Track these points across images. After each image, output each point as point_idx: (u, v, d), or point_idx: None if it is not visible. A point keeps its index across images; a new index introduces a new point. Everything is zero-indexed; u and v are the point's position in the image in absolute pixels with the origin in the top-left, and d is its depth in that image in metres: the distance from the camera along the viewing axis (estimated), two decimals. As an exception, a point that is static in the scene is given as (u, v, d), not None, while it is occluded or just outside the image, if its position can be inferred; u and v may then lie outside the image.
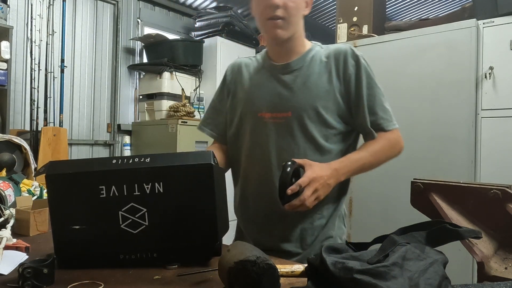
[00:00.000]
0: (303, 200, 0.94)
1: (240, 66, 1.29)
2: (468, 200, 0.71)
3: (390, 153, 1.11)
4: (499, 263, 0.61)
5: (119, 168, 0.78)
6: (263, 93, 1.16)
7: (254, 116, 1.15)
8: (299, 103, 1.10)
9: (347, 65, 1.10)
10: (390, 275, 0.51)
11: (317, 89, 1.10)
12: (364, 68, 1.10)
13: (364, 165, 1.07)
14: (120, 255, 0.79)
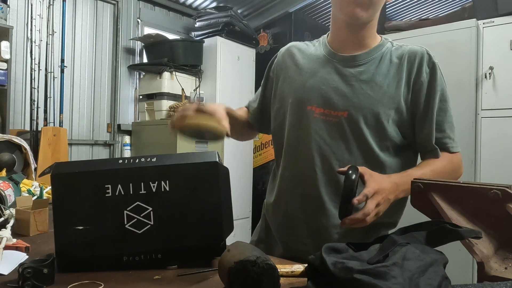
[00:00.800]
0: (366, 214, 0.80)
1: (293, 51, 1.12)
2: (468, 200, 0.70)
3: (450, 174, 0.98)
4: (499, 263, 0.61)
5: (126, 167, 0.79)
6: (318, 83, 1.02)
7: (303, 109, 1.02)
8: (359, 104, 0.97)
9: (421, 72, 0.98)
10: (390, 275, 0.51)
11: (381, 92, 0.97)
12: (440, 78, 1.00)
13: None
14: (124, 257, 0.79)
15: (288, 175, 1.06)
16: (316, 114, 1.00)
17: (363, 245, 0.66)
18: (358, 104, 0.97)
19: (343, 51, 1.03)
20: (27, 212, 1.06)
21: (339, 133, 0.99)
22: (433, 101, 0.98)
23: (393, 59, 1.00)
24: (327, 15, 4.37)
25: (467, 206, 0.71)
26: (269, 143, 4.01)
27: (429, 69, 0.99)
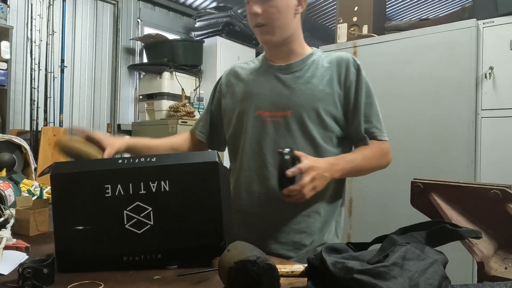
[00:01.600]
0: (302, 186, 0.92)
1: (236, 70, 1.27)
2: (468, 200, 0.71)
3: (380, 161, 1.13)
4: (499, 263, 0.61)
5: (125, 167, 0.79)
6: (262, 91, 1.15)
7: (253, 115, 1.14)
8: (300, 102, 1.10)
9: (349, 73, 1.12)
10: (390, 275, 0.51)
11: (318, 91, 1.10)
12: (364, 78, 1.13)
13: (356, 167, 1.08)
14: (124, 257, 0.78)
15: (244, 175, 1.16)
16: (264, 118, 1.13)
17: (363, 245, 0.66)
18: (299, 102, 1.10)
19: (279, 62, 1.17)
20: (27, 212, 1.06)
21: (286, 130, 1.11)
22: (361, 97, 1.11)
23: (324, 64, 1.14)
24: (327, 15, 4.37)
25: (467, 206, 0.71)
26: (269, 143, 4.01)
27: (355, 70, 1.13)
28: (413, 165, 2.35)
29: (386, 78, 2.51)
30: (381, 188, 2.51)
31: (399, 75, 2.47)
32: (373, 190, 2.54)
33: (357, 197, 2.63)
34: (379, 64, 2.54)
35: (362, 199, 2.60)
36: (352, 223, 2.64)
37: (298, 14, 1.14)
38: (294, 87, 1.12)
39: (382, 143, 1.13)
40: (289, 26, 1.12)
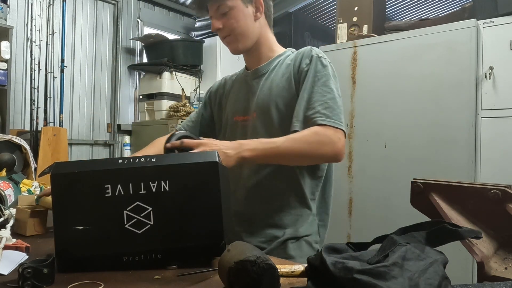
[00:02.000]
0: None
1: (225, 80, 1.38)
2: (468, 200, 0.71)
3: (318, 146, 1.04)
4: (499, 263, 0.61)
5: (125, 167, 0.79)
6: (237, 98, 1.26)
7: (231, 121, 1.25)
8: (262, 102, 1.16)
9: (301, 63, 1.14)
10: (390, 275, 0.51)
11: (278, 89, 1.15)
12: (315, 65, 1.11)
13: (277, 149, 1.02)
14: (124, 257, 0.79)
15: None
16: (239, 122, 1.22)
17: (363, 245, 0.66)
18: (262, 103, 1.16)
19: (252, 67, 1.25)
20: (26, 212, 1.05)
21: (253, 130, 1.17)
22: (306, 84, 1.10)
23: (287, 62, 1.19)
24: (327, 15, 4.37)
25: (467, 206, 0.71)
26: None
27: (308, 60, 1.13)
28: (413, 165, 2.35)
29: (386, 78, 2.51)
30: (381, 188, 2.51)
31: (399, 75, 2.47)
32: (373, 190, 2.54)
33: (357, 197, 2.63)
34: (379, 64, 2.54)
35: (362, 199, 2.60)
36: (352, 223, 2.64)
37: (260, 19, 1.19)
38: (257, 89, 1.19)
39: (321, 128, 1.04)
40: (252, 32, 1.19)
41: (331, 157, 1.08)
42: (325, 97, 1.08)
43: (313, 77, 1.10)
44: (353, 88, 2.70)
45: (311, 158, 1.08)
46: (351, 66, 2.70)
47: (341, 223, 2.65)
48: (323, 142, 1.04)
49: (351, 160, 2.73)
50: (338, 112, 1.07)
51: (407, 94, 2.43)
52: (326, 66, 1.12)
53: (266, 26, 1.22)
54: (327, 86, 1.09)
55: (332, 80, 1.11)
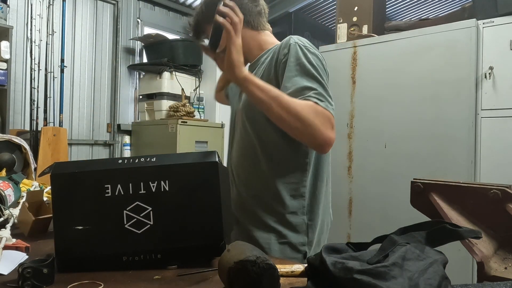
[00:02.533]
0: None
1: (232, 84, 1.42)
2: (468, 200, 0.71)
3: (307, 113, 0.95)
4: (499, 263, 0.61)
5: (125, 167, 0.79)
6: (233, 101, 1.31)
7: (232, 124, 1.28)
8: (245, 100, 1.16)
9: (280, 54, 1.09)
10: (390, 275, 0.51)
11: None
12: (295, 53, 1.05)
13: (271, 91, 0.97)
14: (124, 257, 0.79)
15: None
16: (236, 122, 1.24)
17: (363, 245, 0.66)
18: (245, 100, 1.16)
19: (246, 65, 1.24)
20: (27, 213, 1.05)
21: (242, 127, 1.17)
22: (287, 74, 1.04)
23: (270, 55, 1.16)
24: (327, 15, 4.37)
25: (467, 206, 0.71)
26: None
27: (286, 50, 1.08)
28: (413, 165, 2.35)
29: (386, 78, 2.51)
30: (381, 188, 2.51)
31: (399, 75, 2.47)
32: (373, 190, 2.54)
33: (357, 197, 2.63)
34: (379, 64, 2.54)
35: (362, 199, 2.61)
36: (351, 223, 2.64)
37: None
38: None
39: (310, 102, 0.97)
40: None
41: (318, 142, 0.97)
42: (294, 74, 1.02)
43: (294, 65, 1.03)
44: (353, 88, 2.70)
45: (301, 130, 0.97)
46: (351, 66, 2.70)
47: (341, 223, 2.65)
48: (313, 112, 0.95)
49: (351, 160, 2.73)
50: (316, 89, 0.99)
51: (407, 93, 2.43)
52: (306, 54, 1.05)
53: (247, 32, 1.20)
54: (298, 65, 1.03)
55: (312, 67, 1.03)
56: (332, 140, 0.96)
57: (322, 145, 0.98)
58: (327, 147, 0.98)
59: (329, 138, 0.96)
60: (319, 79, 1.01)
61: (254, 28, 1.23)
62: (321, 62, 1.07)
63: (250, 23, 1.21)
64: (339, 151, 2.98)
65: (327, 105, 0.97)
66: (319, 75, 1.02)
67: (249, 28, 1.22)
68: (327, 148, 0.98)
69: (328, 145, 0.97)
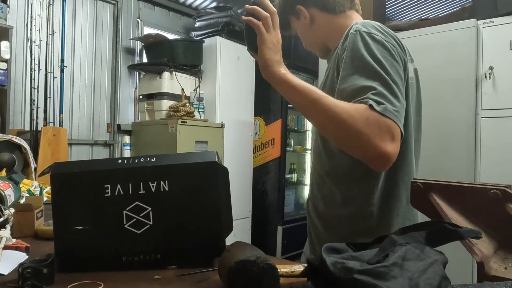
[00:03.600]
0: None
1: None
2: (468, 200, 0.70)
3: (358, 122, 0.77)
4: (499, 263, 0.61)
5: (125, 167, 0.79)
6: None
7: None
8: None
9: (342, 46, 0.95)
10: (390, 275, 0.51)
11: (327, 83, 1.03)
12: (352, 44, 0.90)
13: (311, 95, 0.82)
14: (123, 257, 0.79)
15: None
16: None
17: (363, 245, 0.65)
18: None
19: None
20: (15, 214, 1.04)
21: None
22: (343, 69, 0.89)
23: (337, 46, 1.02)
24: (327, 15, 4.37)
25: (467, 206, 0.71)
26: (269, 143, 4.01)
27: (347, 41, 0.93)
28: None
29: (386, 78, 2.51)
30: (381, 188, 2.51)
31: (399, 75, 2.47)
32: (373, 190, 2.54)
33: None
34: (379, 64, 2.54)
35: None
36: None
37: (313, 24, 1.11)
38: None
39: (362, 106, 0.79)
40: (315, 39, 1.15)
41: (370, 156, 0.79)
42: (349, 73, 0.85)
43: (350, 61, 0.87)
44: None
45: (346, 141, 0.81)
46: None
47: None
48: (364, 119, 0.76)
49: (351, 160, 2.71)
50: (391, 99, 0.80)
51: (407, 94, 2.43)
52: (368, 43, 0.86)
53: (326, 18, 1.08)
54: (359, 59, 0.86)
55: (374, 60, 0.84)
56: (390, 155, 0.76)
57: (374, 160, 0.79)
58: (382, 163, 0.79)
59: (384, 153, 0.76)
60: (381, 74, 0.82)
61: (330, 11, 1.07)
62: (390, 51, 0.87)
63: (325, 7, 1.07)
64: (339, 151, 2.98)
65: (386, 108, 0.77)
66: (382, 68, 0.82)
67: (325, 12, 1.08)
68: (382, 164, 0.79)
69: (384, 160, 0.77)
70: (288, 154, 4.12)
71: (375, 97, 0.78)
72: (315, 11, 1.09)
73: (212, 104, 3.58)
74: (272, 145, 3.99)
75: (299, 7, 1.10)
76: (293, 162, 4.47)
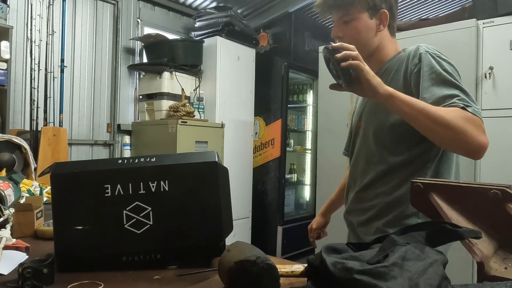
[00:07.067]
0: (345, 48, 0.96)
1: None
2: (468, 200, 0.70)
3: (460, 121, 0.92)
4: (499, 263, 0.61)
5: (125, 167, 0.79)
6: (358, 105, 1.33)
7: (354, 128, 1.31)
8: (369, 111, 1.20)
9: (410, 64, 1.09)
10: (390, 275, 0.51)
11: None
12: (428, 61, 1.05)
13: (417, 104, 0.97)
14: (123, 257, 0.79)
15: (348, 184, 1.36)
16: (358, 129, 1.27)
17: (363, 245, 0.66)
18: (369, 111, 1.20)
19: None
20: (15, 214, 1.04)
21: (365, 138, 1.21)
22: (423, 84, 1.04)
23: (397, 64, 1.15)
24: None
25: (467, 206, 0.71)
26: (269, 143, 4.01)
27: (417, 59, 1.08)
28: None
29: (386, 78, 2.51)
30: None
31: (399, 75, 2.47)
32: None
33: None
34: (379, 64, 2.54)
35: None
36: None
37: (382, 31, 1.18)
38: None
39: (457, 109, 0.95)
40: (370, 45, 1.18)
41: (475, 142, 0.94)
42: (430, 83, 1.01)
43: (424, 69, 1.04)
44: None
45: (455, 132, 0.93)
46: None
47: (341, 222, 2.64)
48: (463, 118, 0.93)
49: (351, 160, 2.71)
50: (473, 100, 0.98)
51: (407, 94, 2.43)
52: (439, 61, 1.05)
53: (388, 37, 1.20)
54: (435, 73, 1.03)
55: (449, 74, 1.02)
56: (487, 145, 0.95)
57: (476, 151, 0.96)
58: (482, 152, 0.96)
59: (484, 143, 0.94)
60: (458, 84, 1.00)
61: (391, 32, 1.21)
62: (454, 67, 1.06)
63: (392, 27, 1.20)
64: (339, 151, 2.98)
65: (475, 109, 0.95)
66: (456, 81, 1.01)
67: (388, 31, 1.20)
68: (482, 153, 0.96)
69: (483, 150, 0.95)
70: (288, 154, 4.12)
71: (461, 102, 0.96)
72: (386, 23, 1.18)
73: (212, 104, 3.58)
74: (272, 145, 3.99)
75: (384, 11, 1.15)
76: (293, 162, 4.46)
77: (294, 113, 4.43)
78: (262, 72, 3.96)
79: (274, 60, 3.95)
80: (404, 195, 1.10)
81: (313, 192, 4.04)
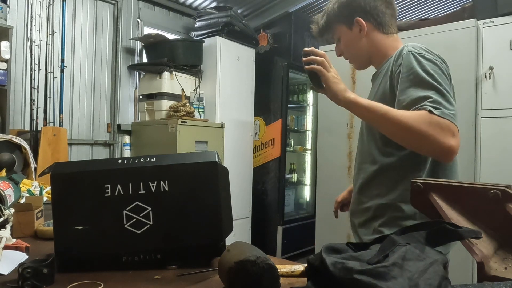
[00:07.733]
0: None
1: None
2: (468, 200, 0.70)
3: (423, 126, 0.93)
4: (499, 263, 0.61)
5: (125, 167, 0.79)
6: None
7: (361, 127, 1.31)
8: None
9: (394, 65, 1.11)
10: (390, 275, 0.51)
11: (378, 93, 1.17)
12: (409, 61, 1.05)
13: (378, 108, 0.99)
14: (123, 257, 0.79)
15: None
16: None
17: (363, 245, 0.65)
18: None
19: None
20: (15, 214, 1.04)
21: (362, 134, 1.24)
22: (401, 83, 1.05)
23: (387, 65, 1.17)
24: (327, 15, 4.36)
25: (467, 206, 0.71)
26: (269, 143, 4.01)
27: (400, 60, 1.09)
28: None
29: (386, 78, 2.51)
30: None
31: (399, 75, 2.47)
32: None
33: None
34: (379, 64, 2.54)
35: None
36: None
37: (365, 36, 1.21)
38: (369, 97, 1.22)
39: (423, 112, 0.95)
40: (362, 50, 1.24)
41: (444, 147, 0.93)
42: (406, 85, 1.01)
43: (406, 76, 1.03)
44: (353, 88, 2.70)
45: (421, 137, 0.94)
46: (351, 66, 2.69)
47: (342, 222, 2.64)
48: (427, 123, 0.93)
49: (351, 160, 2.72)
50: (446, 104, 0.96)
51: (407, 94, 2.43)
52: (420, 61, 1.03)
53: (381, 37, 1.22)
54: (413, 74, 1.01)
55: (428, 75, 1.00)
56: (454, 148, 0.93)
57: (444, 155, 0.96)
58: (450, 155, 0.95)
59: (449, 147, 0.93)
60: (435, 85, 0.98)
61: (383, 31, 1.22)
62: (439, 67, 1.05)
63: (381, 26, 1.22)
64: (339, 151, 2.98)
65: (443, 112, 0.93)
66: (435, 81, 0.99)
67: (379, 31, 1.22)
68: (450, 156, 0.95)
69: (451, 153, 0.94)
70: (288, 154, 4.12)
71: (432, 104, 0.95)
72: (370, 26, 1.21)
73: (212, 104, 3.58)
74: (272, 145, 3.99)
75: (357, 19, 1.20)
76: (293, 162, 4.46)
77: (294, 113, 4.43)
78: (262, 72, 3.96)
79: (274, 60, 3.95)
80: (398, 197, 1.09)
81: (313, 192, 4.04)
